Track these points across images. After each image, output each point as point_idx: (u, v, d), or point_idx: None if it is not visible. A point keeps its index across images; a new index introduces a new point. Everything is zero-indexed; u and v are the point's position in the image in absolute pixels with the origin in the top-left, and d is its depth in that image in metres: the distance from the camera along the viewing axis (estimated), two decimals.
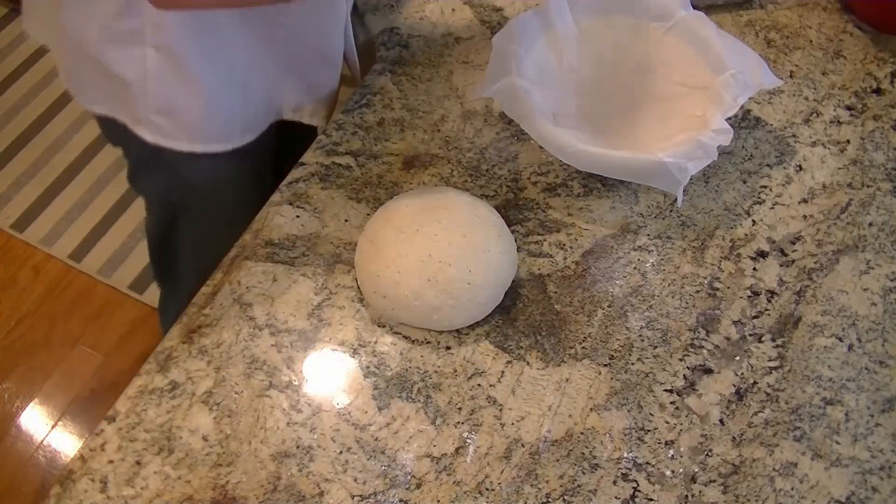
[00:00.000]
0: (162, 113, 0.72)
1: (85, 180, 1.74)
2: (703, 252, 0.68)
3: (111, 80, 0.71)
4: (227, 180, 0.83)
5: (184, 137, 0.75)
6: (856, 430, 0.60)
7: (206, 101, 0.72)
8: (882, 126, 0.76)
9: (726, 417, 0.60)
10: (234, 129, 0.77)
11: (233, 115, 0.76)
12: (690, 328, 0.64)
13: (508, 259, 0.63)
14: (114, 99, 0.74)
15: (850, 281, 0.67)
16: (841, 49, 0.81)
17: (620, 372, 0.62)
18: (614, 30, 0.76)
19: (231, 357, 0.62)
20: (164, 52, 0.67)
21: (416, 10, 0.84)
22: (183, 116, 0.73)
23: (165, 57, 0.68)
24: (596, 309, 0.65)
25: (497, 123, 0.76)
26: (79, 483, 0.56)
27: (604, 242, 0.68)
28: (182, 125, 0.74)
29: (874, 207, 0.71)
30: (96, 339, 1.55)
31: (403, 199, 0.65)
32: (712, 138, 0.66)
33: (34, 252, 1.65)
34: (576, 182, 0.72)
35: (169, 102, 0.72)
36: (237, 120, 0.76)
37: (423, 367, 0.62)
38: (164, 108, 0.72)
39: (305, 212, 0.69)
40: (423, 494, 0.57)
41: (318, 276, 0.66)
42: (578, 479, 0.57)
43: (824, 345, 0.63)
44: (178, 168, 0.79)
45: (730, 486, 0.57)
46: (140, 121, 0.73)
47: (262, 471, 0.57)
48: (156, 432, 0.58)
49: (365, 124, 0.75)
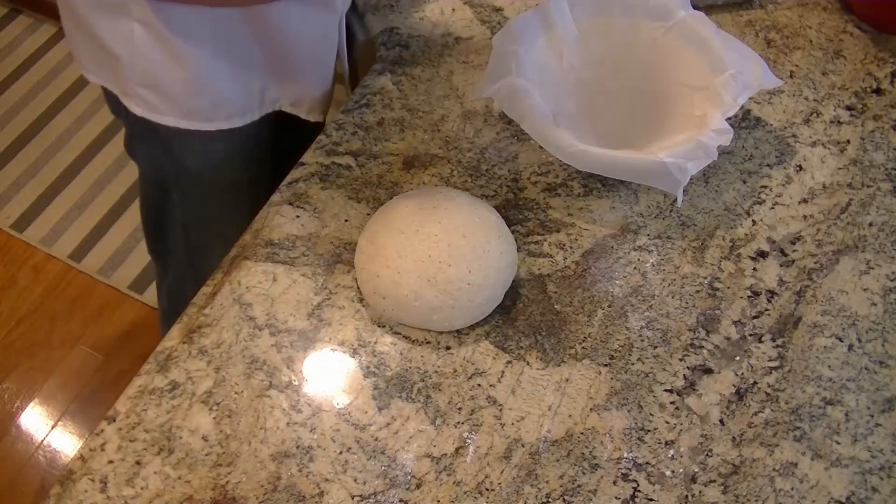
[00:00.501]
0: (147, 87, 0.73)
1: (85, 180, 1.74)
2: (703, 252, 0.68)
3: (101, 50, 0.72)
4: (218, 165, 0.83)
5: (168, 112, 0.75)
6: (856, 430, 0.60)
7: (190, 79, 0.72)
8: (882, 126, 0.76)
9: (726, 417, 0.60)
10: (218, 110, 0.77)
11: (217, 96, 0.76)
12: (690, 328, 0.64)
13: (508, 259, 0.63)
14: (105, 69, 0.74)
15: (850, 281, 0.67)
16: (841, 49, 0.81)
17: (620, 372, 0.62)
18: (614, 30, 0.76)
19: (231, 357, 0.62)
20: (149, 28, 0.68)
21: (416, 10, 0.84)
22: (167, 92, 0.73)
23: (151, 33, 0.68)
24: (596, 309, 0.65)
25: (497, 123, 0.76)
26: (79, 483, 0.56)
27: (604, 242, 0.68)
28: (167, 100, 0.74)
29: (874, 207, 0.71)
30: (96, 339, 1.55)
31: (403, 200, 0.65)
32: (712, 138, 0.66)
33: (34, 252, 1.65)
34: (576, 182, 0.72)
35: (154, 77, 0.72)
36: (222, 102, 0.76)
37: (423, 367, 0.62)
38: (149, 82, 0.72)
39: (305, 212, 0.69)
40: (423, 494, 0.57)
41: (318, 276, 0.66)
42: (578, 479, 0.57)
43: (824, 345, 0.63)
44: (170, 144, 0.79)
45: (730, 486, 0.57)
46: (128, 93, 0.74)
47: (262, 471, 0.57)
48: (156, 432, 0.58)
49: (365, 124, 0.75)
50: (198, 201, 0.88)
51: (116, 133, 1.80)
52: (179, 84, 0.73)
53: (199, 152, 0.80)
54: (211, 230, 0.69)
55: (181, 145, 0.79)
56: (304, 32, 0.75)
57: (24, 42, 1.95)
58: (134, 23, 0.68)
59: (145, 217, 0.98)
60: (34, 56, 1.94)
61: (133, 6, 0.67)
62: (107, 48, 0.71)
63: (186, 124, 0.76)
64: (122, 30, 0.69)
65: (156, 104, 0.74)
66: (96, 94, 1.84)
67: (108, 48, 0.71)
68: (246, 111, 0.78)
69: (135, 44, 0.69)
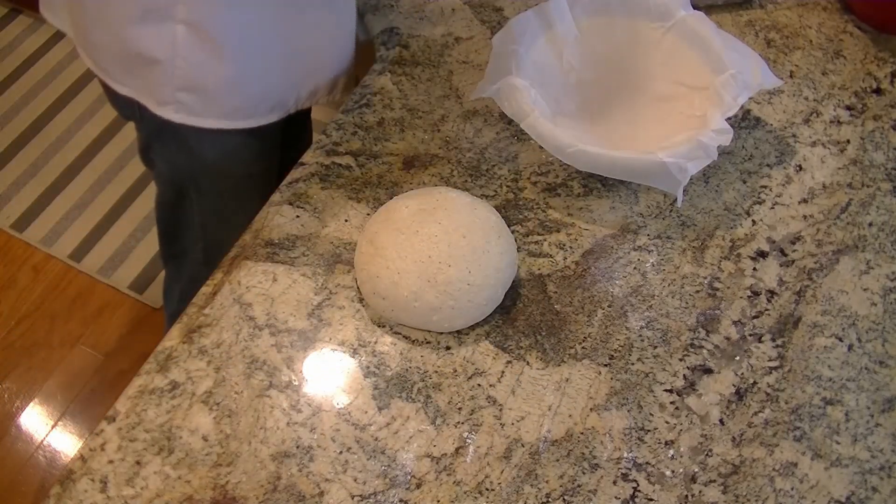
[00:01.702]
0: (189, 90, 0.73)
1: (85, 180, 1.74)
2: (703, 252, 0.68)
3: (137, 60, 0.72)
4: (237, 154, 0.84)
5: (209, 114, 0.76)
6: (856, 430, 0.60)
7: (234, 78, 0.73)
8: (882, 126, 0.76)
9: (726, 417, 0.60)
10: (258, 106, 0.78)
11: (261, 92, 0.77)
12: (690, 328, 0.64)
13: (508, 259, 0.63)
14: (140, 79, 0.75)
15: (850, 281, 0.67)
16: (841, 49, 0.81)
17: (620, 372, 0.62)
18: (614, 30, 0.76)
19: (231, 357, 0.62)
20: (193, 28, 0.68)
21: (416, 10, 0.84)
22: (210, 93, 0.74)
23: (195, 33, 0.69)
24: (596, 309, 0.65)
25: (497, 123, 0.76)
26: (79, 483, 0.56)
27: (604, 242, 0.68)
28: (208, 102, 0.75)
29: (874, 207, 0.71)
30: (96, 339, 1.55)
31: (403, 200, 0.65)
32: (712, 138, 0.66)
33: (34, 252, 1.65)
34: (576, 182, 0.72)
35: (196, 80, 0.73)
36: (265, 97, 0.77)
37: (423, 367, 0.62)
38: (192, 85, 0.73)
39: (305, 212, 0.69)
40: (423, 494, 0.57)
41: (318, 276, 0.66)
42: (578, 479, 0.57)
43: (824, 345, 0.63)
44: (189, 141, 0.80)
45: (730, 486, 0.57)
46: (165, 101, 0.75)
47: (262, 471, 0.57)
48: (156, 432, 0.58)
49: (365, 124, 0.75)
50: (215, 196, 0.89)
51: (116, 133, 1.80)
52: (223, 83, 0.74)
53: (217, 144, 0.81)
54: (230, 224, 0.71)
55: (199, 140, 0.80)
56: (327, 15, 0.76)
57: (24, 42, 1.95)
58: (177, 25, 0.69)
59: (161, 220, 1.00)
60: (34, 56, 1.93)
61: (179, 7, 0.68)
62: (144, 56, 0.71)
63: (227, 124, 0.77)
64: (165, 34, 0.69)
65: (196, 107, 0.75)
66: (96, 94, 1.84)
67: (147, 55, 0.71)
68: (285, 104, 0.80)
69: (177, 47, 0.70)
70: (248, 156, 0.85)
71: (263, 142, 0.85)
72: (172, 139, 0.81)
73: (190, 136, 0.79)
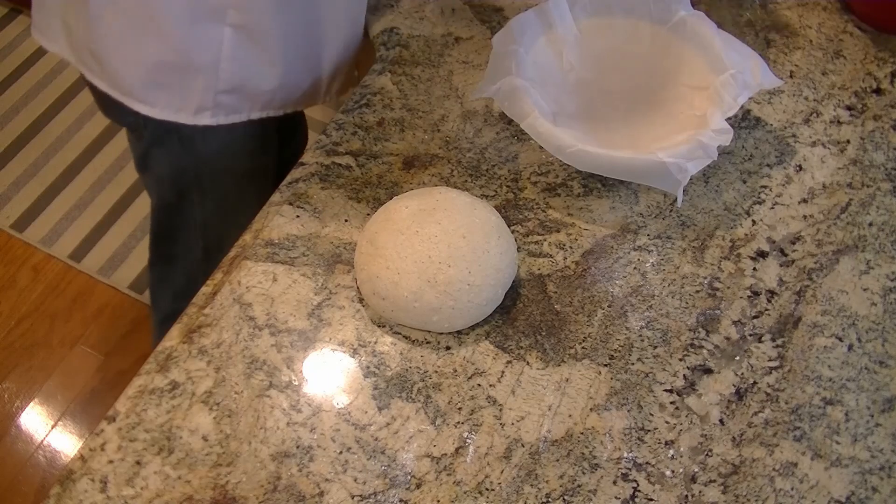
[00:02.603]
0: (231, 91, 0.76)
1: (85, 180, 1.75)
2: (703, 252, 0.68)
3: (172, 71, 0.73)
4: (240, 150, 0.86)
5: (246, 110, 0.79)
6: (856, 430, 0.60)
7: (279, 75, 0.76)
8: (882, 126, 0.76)
9: (726, 417, 0.60)
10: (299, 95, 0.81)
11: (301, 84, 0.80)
12: (690, 328, 0.64)
13: (508, 259, 0.63)
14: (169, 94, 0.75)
15: (850, 281, 0.67)
16: (841, 49, 0.81)
17: (620, 372, 0.62)
18: (614, 30, 0.76)
19: (231, 357, 0.62)
20: (242, 30, 0.71)
21: (416, 10, 0.84)
22: (253, 91, 0.77)
23: (242, 35, 0.71)
24: (596, 309, 0.65)
25: (497, 123, 0.76)
26: (79, 483, 0.56)
27: (604, 242, 0.68)
28: (249, 99, 0.78)
29: (874, 207, 0.71)
30: (96, 339, 1.55)
31: (403, 200, 0.65)
32: (712, 138, 0.66)
33: (34, 252, 1.65)
34: (576, 182, 0.72)
35: (241, 79, 0.75)
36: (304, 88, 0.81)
37: (423, 367, 0.62)
38: (235, 86, 0.75)
39: (305, 212, 0.69)
40: (423, 494, 0.57)
41: (318, 276, 0.66)
42: (578, 479, 0.57)
43: (824, 345, 0.63)
44: (193, 141, 0.81)
45: (730, 486, 0.57)
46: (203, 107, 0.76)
47: (262, 471, 0.57)
48: (156, 432, 0.58)
49: (365, 124, 0.75)
50: (219, 194, 0.90)
51: (116, 133, 1.80)
52: (268, 81, 0.76)
53: (221, 140, 0.82)
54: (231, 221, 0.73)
55: (204, 137, 0.81)
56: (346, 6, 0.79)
57: (24, 42, 1.95)
58: (226, 28, 0.70)
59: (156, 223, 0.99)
60: (34, 56, 1.94)
61: (231, 10, 0.69)
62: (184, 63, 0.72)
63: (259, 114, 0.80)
64: (212, 38, 0.71)
65: (236, 105, 0.77)
66: None
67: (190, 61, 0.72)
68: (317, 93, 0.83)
69: (224, 50, 0.72)
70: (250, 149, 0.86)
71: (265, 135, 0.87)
72: (177, 141, 0.82)
73: (196, 135, 0.80)
